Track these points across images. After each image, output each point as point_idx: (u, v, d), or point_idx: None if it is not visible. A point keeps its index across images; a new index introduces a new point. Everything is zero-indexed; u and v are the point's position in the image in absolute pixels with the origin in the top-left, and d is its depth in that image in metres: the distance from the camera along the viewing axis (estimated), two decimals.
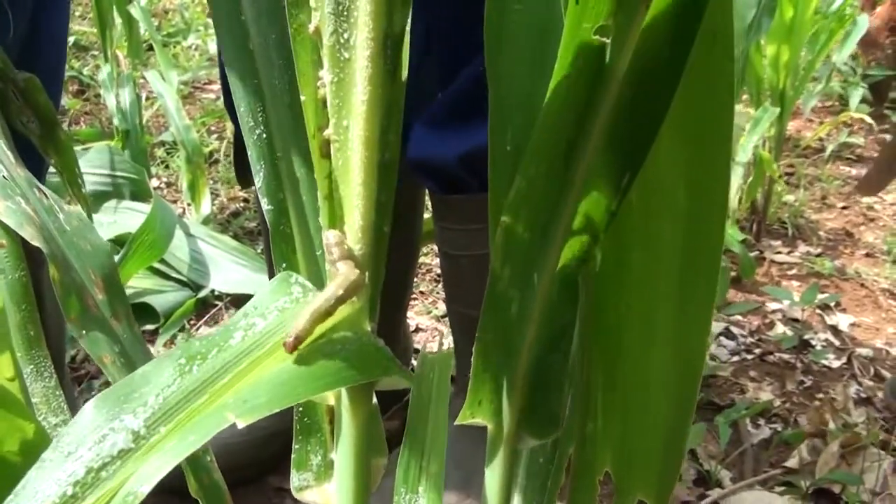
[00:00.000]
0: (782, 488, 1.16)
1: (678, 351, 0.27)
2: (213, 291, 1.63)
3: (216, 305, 1.62)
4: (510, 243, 0.25)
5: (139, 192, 1.80)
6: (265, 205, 0.31)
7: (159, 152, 2.32)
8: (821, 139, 3.19)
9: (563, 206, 0.24)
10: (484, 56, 0.34)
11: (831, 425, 1.27)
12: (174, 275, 1.63)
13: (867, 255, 2.27)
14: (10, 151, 0.43)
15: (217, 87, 3.11)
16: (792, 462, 1.20)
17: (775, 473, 1.17)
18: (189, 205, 1.79)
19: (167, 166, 2.33)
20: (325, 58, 0.24)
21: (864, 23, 1.99)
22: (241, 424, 0.21)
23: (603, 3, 0.20)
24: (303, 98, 0.25)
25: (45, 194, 0.41)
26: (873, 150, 3.29)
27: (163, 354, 0.24)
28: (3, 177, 0.38)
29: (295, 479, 0.33)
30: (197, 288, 1.62)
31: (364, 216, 0.25)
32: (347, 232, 0.26)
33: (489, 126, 0.31)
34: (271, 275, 1.15)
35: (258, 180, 0.31)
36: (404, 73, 0.24)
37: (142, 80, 2.28)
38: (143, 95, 2.30)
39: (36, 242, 0.35)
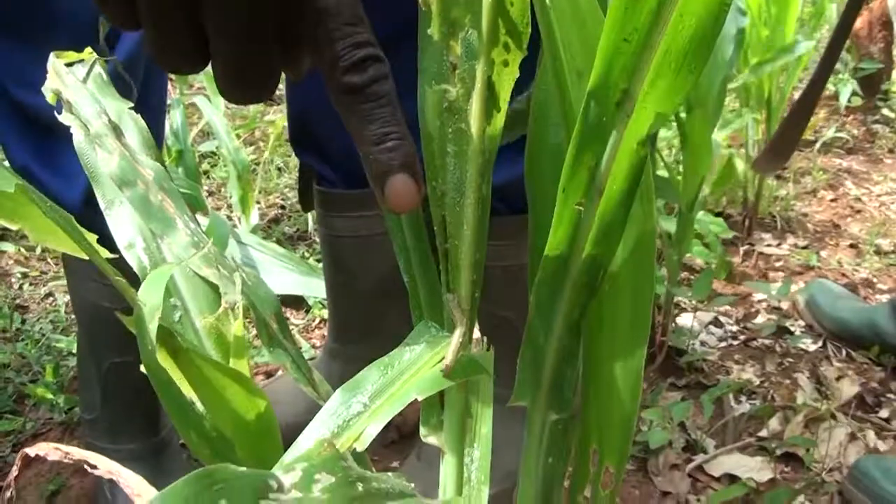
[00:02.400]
0: (758, 453, 1.38)
1: (625, 373, 0.49)
2: None
3: None
4: (538, 308, 0.47)
5: (193, 205, 2.02)
6: (405, 278, 0.53)
7: (203, 165, 2.54)
8: (815, 131, 3.34)
9: (564, 299, 0.46)
10: (521, 92, 0.52)
11: (799, 400, 1.49)
12: None
13: (851, 245, 2.43)
14: (201, 232, 0.65)
15: None
16: (765, 432, 1.43)
17: (750, 441, 1.40)
18: (239, 217, 2.02)
19: (208, 176, 2.55)
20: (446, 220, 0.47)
21: (804, 47, 2.15)
22: (420, 398, 0.43)
23: (579, 188, 0.42)
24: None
25: (229, 260, 0.63)
26: (865, 141, 3.46)
27: (371, 365, 0.46)
28: (207, 254, 0.60)
29: (422, 430, 0.55)
30: None
31: (466, 290, 0.47)
32: (458, 294, 0.48)
33: (529, 239, 0.53)
34: (328, 284, 1.36)
35: (401, 266, 0.53)
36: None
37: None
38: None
39: (237, 298, 0.57)
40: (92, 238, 0.52)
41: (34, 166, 1.01)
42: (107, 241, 0.58)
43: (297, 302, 1.84)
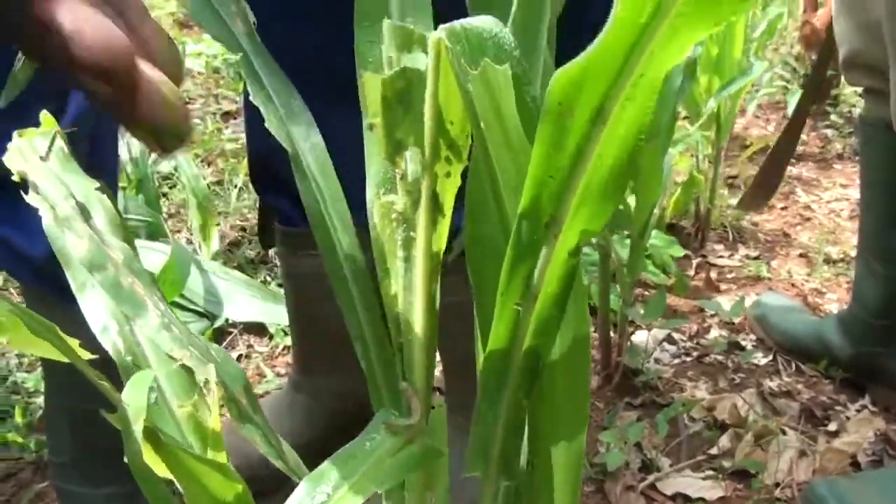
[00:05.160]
0: (710, 472, 1.43)
1: (568, 455, 0.53)
2: (227, 320, 1.87)
3: (231, 333, 1.87)
4: (485, 393, 0.51)
5: (154, 233, 2.04)
6: (363, 364, 0.57)
7: (162, 187, 2.54)
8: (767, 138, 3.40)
9: (508, 384, 0.50)
10: None
11: (750, 418, 1.55)
12: (192, 307, 1.87)
13: (801, 255, 2.46)
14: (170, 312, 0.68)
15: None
16: (715, 450, 1.48)
17: (701, 459, 1.45)
18: (200, 244, 2.03)
19: (168, 198, 2.55)
20: (399, 318, 0.50)
21: (759, 69, 2.22)
22: (380, 491, 0.47)
23: (516, 293, 0.46)
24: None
25: (199, 338, 0.66)
26: (815, 146, 3.53)
27: (334, 455, 0.50)
28: (177, 335, 0.63)
29: None
30: (213, 317, 1.87)
31: (420, 378, 0.51)
32: (412, 382, 0.52)
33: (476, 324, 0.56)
34: (291, 319, 1.38)
35: (359, 353, 0.57)
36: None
37: None
38: None
39: (211, 378, 0.60)
40: (74, 343, 0.54)
41: None
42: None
43: (259, 328, 1.86)
